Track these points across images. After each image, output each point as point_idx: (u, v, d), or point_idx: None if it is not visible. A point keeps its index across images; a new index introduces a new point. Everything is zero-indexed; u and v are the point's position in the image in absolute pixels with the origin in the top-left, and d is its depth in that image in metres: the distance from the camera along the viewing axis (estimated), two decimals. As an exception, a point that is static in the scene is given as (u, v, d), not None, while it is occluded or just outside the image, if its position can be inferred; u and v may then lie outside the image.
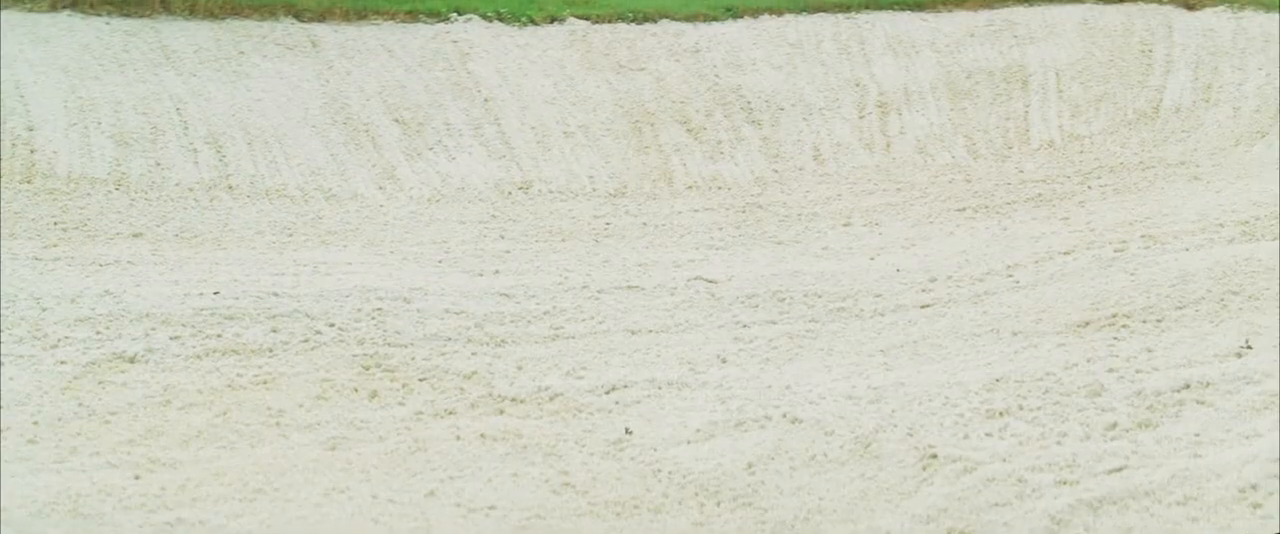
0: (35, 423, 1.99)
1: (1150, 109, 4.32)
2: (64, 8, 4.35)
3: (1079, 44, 4.84)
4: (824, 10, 5.23)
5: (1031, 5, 5.22)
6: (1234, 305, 2.59)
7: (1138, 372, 2.19)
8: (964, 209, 3.59)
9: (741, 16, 5.19)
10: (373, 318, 2.58)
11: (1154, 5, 5.08)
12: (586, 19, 5.07)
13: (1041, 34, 4.97)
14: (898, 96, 4.56)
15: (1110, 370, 2.20)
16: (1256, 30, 4.79)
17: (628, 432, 2.03)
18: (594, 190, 3.78)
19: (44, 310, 2.55)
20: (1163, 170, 3.84)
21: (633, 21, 5.08)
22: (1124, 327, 2.52)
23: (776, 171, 4.00)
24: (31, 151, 3.51)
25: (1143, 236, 3.21)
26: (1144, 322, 2.56)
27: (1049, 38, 4.94)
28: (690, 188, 3.84)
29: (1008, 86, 4.59)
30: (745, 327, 2.66)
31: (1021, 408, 2.05)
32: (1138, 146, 4.08)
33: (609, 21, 5.07)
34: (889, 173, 3.99)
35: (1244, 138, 4.03)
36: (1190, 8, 5.05)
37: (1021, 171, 3.97)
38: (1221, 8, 4.99)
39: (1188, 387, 2.09)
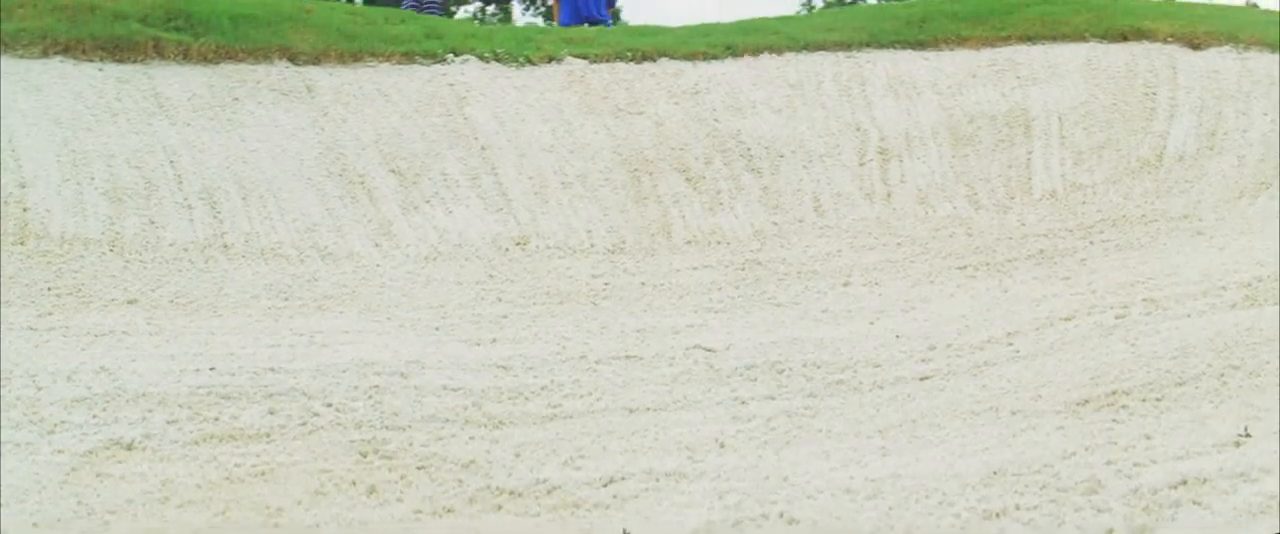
0: (35, 525, 2.04)
1: (1154, 157, 4.37)
2: (56, 53, 4.40)
3: (1082, 86, 4.90)
4: (825, 48, 5.30)
5: (1034, 43, 5.28)
6: (1234, 383, 2.64)
7: (1135, 465, 2.23)
8: (965, 266, 3.64)
9: (742, 55, 5.25)
10: (370, 396, 2.63)
11: (1158, 45, 5.15)
12: (584, 58, 5.13)
13: (1044, 75, 5.03)
14: (899, 142, 4.61)
15: (1108, 463, 2.25)
16: (1261, 72, 4.84)
17: None
18: (592, 246, 3.83)
19: (40, 389, 2.59)
20: (1166, 224, 3.89)
21: (631, 60, 5.15)
22: (1123, 407, 2.57)
23: (776, 224, 4.05)
24: (25, 210, 3.55)
25: (1144, 301, 3.26)
26: (1143, 400, 2.60)
27: (1052, 79, 4.99)
28: (689, 242, 3.89)
29: (1010, 131, 4.65)
30: (743, 403, 2.70)
31: (1018, 508, 2.09)
32: (1140, 198, 4.13)
33: (607, 60, 5.13)
34: (890, 225, 4.04)
35: (1248, 189, 4.08)
36: (1195, 46, 5.12)
37: (1023, 224, 4.01)
38: (1226, 47, 5.05)
39: (1185, 483, 2.13)
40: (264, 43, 4.66)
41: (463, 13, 49.62)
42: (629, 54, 5.16)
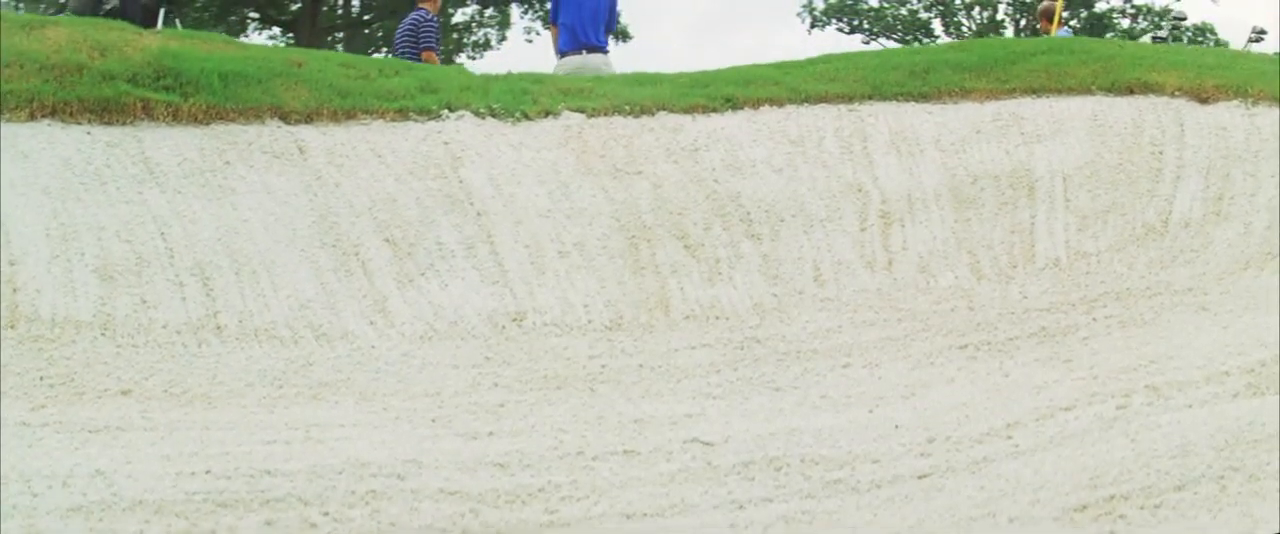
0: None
1: (1159, 223, 4.49)
2: (44, 116, 4.51)
3: (1088, 143, 5.02)
4: (826, 101, 5.42)
5: (1039, 96, 5.40)
6: (1233, 488, 2.74)
7: (1130, 587, 2.34)
8: (966, 345, 3.75)
9: (742, 108, 5.37)
10: (366, 502, 2.73)
11: (1165, 98, 5.27)
12: (582, 112, 5.25)
13: (1049, 131, 5.15)
14: (901, 204, 4.72)
15: (1103, 584, 2.36)
16: (1269, 129, 4.96)
17: None
18: (589, 322, 3.93)
19: (35, 497, 2.69)
20: (1170, 298, 4.00)
21: (629, 114, 5.26)
22: (1121, 516, 2.67)
23: (776, 296, 4.16)
24: (15, 291, 3.65)
25: (1146, 387, 3.36)
26: (1141, 507, 2.71)
27: (1057, 135, 5.11)
28: (687, 318, 4.00)
29: (1014, 193, 4.76)
30: (741, 507, 2.81)
31: (1012, 636, 2.20)
32: (1145, 268, 4.24)
33: (605, 114, 5.25)
34: (890, 297, 4.15)
35: (1254, 260, 4.20)
36: (1203, 100, 5.23)
37: (1026, 297, 4.12)
38: (1235, 101, 5.17)
39: (1178, 608, 2.24)
40: (255, 102, 4.77)
41: (460, 15, 49.16)
42: (627, 108, 5.28)
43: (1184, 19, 11.50)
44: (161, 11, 7.51)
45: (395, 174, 4.60)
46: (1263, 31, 11.15)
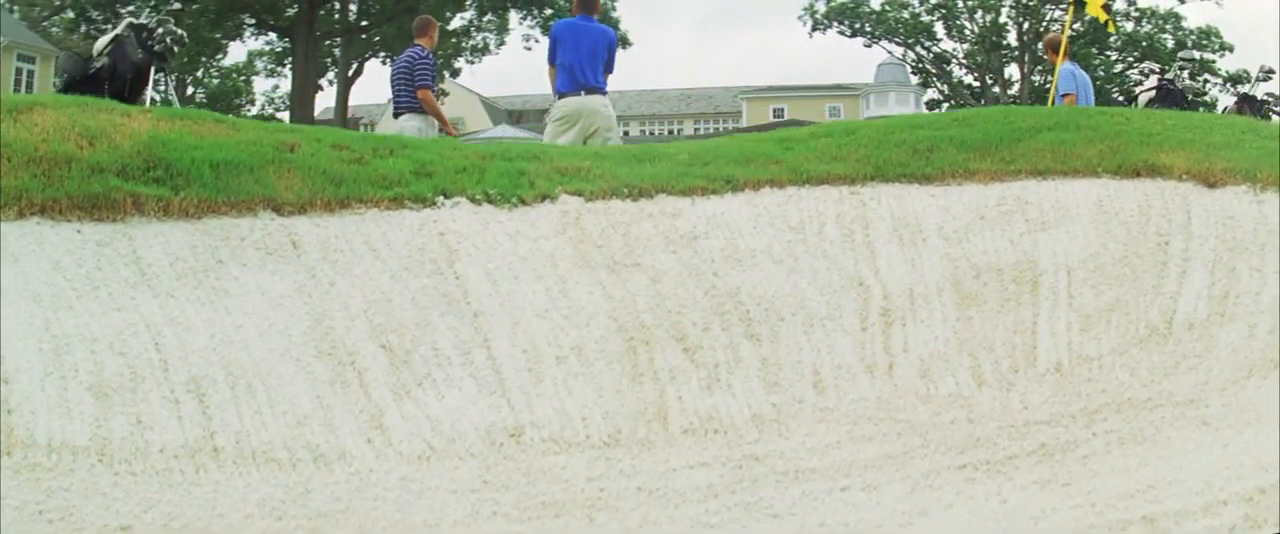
0: None
1: (1163, 324, 4.70)
2: (32, 214, 4.71)
3: (1093, 233, 5.24)
4: (828, 182, 5.64)
5: (1045, 178, 5.63)
6: (1221, 640, 2.96)
7: None
8: (965, 465, 3.96)
9: (742, 190, 5.60)
10: (370, 657, 2.94)
11: (1172, 182, 5.49)
12: (579, 195, 5.47)
13: (1053, 218, 5.37)
14: (902, 301, 4.94)
15: None
16: (1275, 218, 5.18)
17: None
18: (587, 437, 4.14)
19: (44, 652, 2.90)
20: (1171, 411, 4.22)
21: (628, 197, 5.48)
22: None
23: (775, 406, 4.37)
24: (9, 412, 3.85)
25: (1143, 518, 3.58)
26: (1131, 661, 2.92)
27: (1062, 223, 5.33)
28: (686, 432, 4.21)
29: (1017, 289, 4.98)
30: (739, 659, 3.02)
31: None
32: (1147, 375, 4.46)
33: (603, 197, 5.47)
34: (890, 407, 4.37)
35: (1257, 368, 4.41)
36: (1210, 185, 5.46)
37: (1027, 407, 4.34)
38: (1243, 186, 5.39)
39: None
40: (247, 193, 4.98)
41: (458, 21, 49.12)
42: (625, 190, 5.50)
43: (1195, 60, 11.66)
44: (153, 69, 7.72)
45: (390, 270, 4.81)
46: (1270, 71, 11.39)
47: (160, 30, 7.83)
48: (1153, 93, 10.51)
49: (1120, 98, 65.13)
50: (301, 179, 5.13)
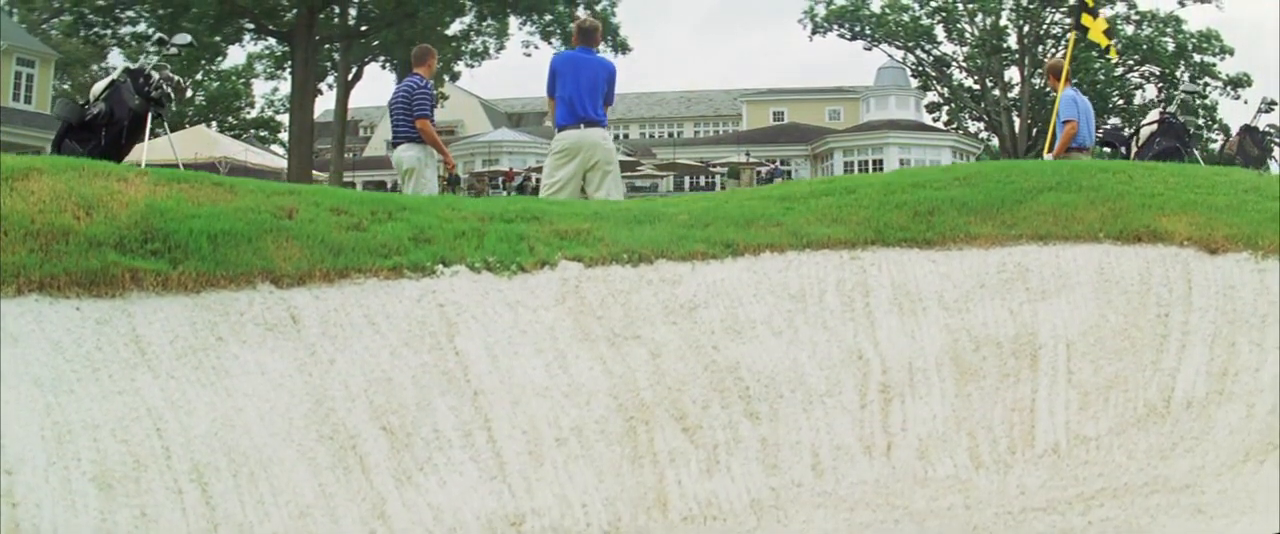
0: None
1: (1161, 402, 4.72)
2: (31, 291, 4.72)
3: (1093, 304, 5.26)
4: (828, 246, 5.66)
5: (1046, 243, 5.64)
6: None
7: None
8: (963, 557, 3.99)
9: (741, 255, 5.61)
10: None
11: (1174, 249, 5.50)
12: (579, 260, 5.48)
13: (1054, 286, 5.39)
14: (901, 375, 4.96)
15: None
16: (1278, 289, 5.20)
17: None
18: (588, 525, 4.16)
19: None
20: (1167, 498, 4.24)
21: (627, 263, 5.50)
22: None
23: (774, 490, 4.39)
24: (14, 506, 3.87)
25: (1140, 619, 3.60)
26: None
27: (1062, 292, 5.35)
28: (685, 519, 4.23)
29: (1017, 363, 5.00)
30: None
31: None
32: (1144, 457, 4.48)
33: (603, 263, 5.48)
34: (888, 492, 4.38)
35: (1254, 450, 4.43)
36: (1212, 251, 5.47)
37: (1023, 492, 4.36)
38: (1244, 254, 5.40)
39: None
40: (246, 265, 4.99)
41: (458, 25, 48.98)
42: (625, 256, 5.52)
43: (1201, 92, 11.67)
44: (150, 116, 7.74)
45: (390, 345, 4.83)
46: (1272, 102, 11.45)
47: (157, 77, 7.84)
48: (1155, 127, 10.53)
49: (1120, 101, 65.17)
50: (300, 249, 5.15)
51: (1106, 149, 12.41)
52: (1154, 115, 10.77)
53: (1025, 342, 5.09)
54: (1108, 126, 13.20)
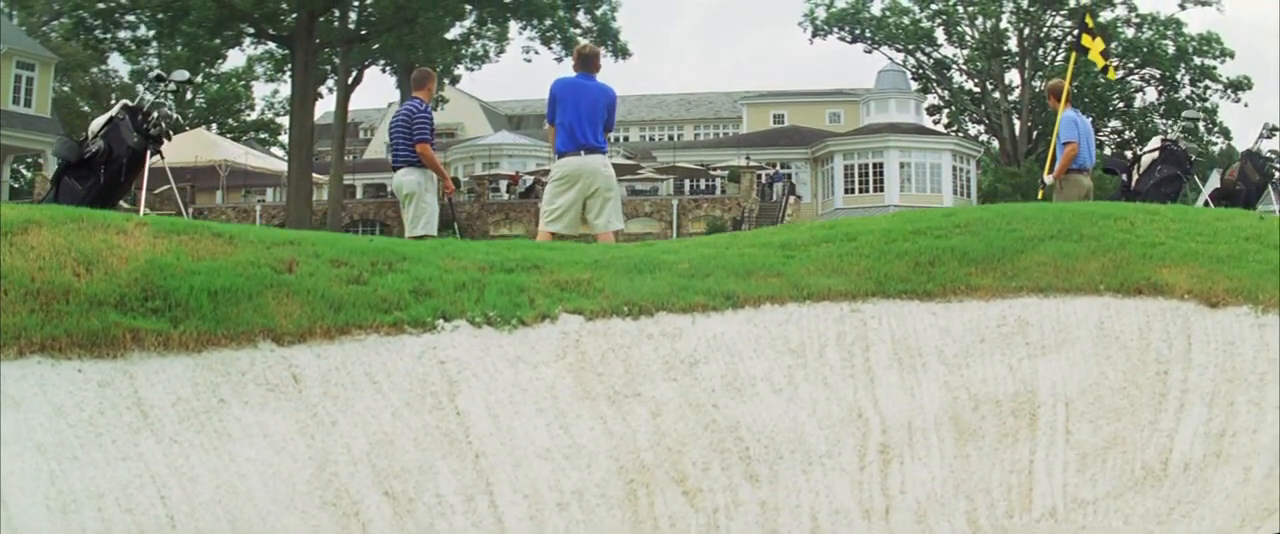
0: None
1: (1159, 465, 4.74)
2: (33, 352, 4.73)
3: (1093, 360, 5.27)
4: (828, 298, 5.67)
5: (1046, 296, 5.65)
6: None
7: None
8: (963, 632, 4.01)
9: (742, 307, 5.62)
10: None
11: (1174, 302, 5.51)
12: (580, 313, 5.49)
13: (1054, 341, 5.40)
14: (900, 435, 4.97)
15: None
16: (1277, 346, 5.21)
17: None
18: (588, 597, 4.18)
19: None
20: (1166, 568, 4.26)
21: (628, 316, 5.51)
22: None
23: (774, 558, 4.41)
24: (17, 581, 3.89)
25: None
26: None
27: (1062, 347, 5.36)
28: (686, 590, 4.25)
29: (1016, 423, 5.01)
30: None
31: None
32: (1141, 522, 4.50)
33: (604, 316, 5.50)
34: (889, 559, 4.40)
35: (1251, 516, 4.45)
36: (1212, 305, 5.48)
37: (1023, 560, 4.38)
38: (1244, 308, 5.41)
39: None
40: (247, 323, 5.00)
41: (458, 29, 49.21)
42: (625, 309, 5.53)
43: (1198, 119, 11.69)
44: (149, 153, 7.75)
45: (392, 406, 4.84)
46: (1275, 128, 11.43)
47: (155, 114, 7.86)
48: (1157, 154, 10.54)
49: (1120, 103, 64.98)
50: (300, 305, 5.16)
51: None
52: (1155, 142, 10.78)
53: (1024, 400, 5.11)
54: (1110, 155, 13.20)
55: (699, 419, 4.98)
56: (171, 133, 7.79)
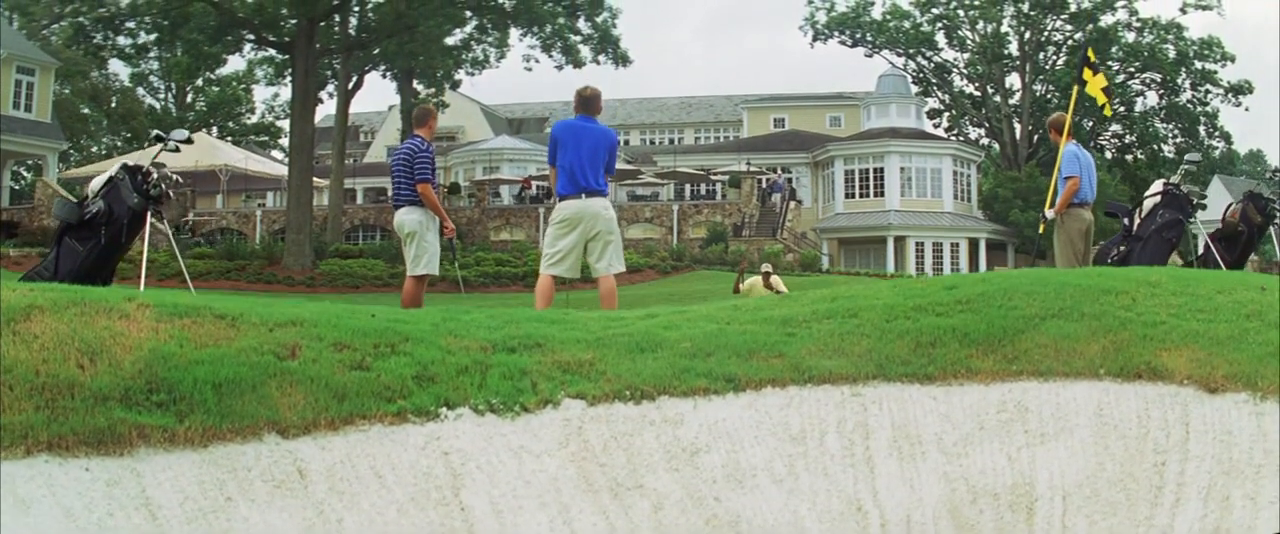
0: None
1: (1155, 566, 4.76)
2: (40, 451, 4.75)
3: (1091, 450, 5.29)
4: (829, 382, 5.69)
5: (1046, 380, 5.67)
6: None
7: None
8: None
9: (743, 390, 5.65)
10: None
11: (1173, 388, 5.53)
12: (582, 398, 5.52)
13: (1053, 429, 5.42)
14: (899, 530, 5.00)
15: None
16: (1274, 436, 5.24)
17: None
18: None
19: None
20: None
21: (630, 401, 5.54)
22: None
23: None
24: None
25: None
26: None
27: (1061, 435, 5.38)
28: None
29: (1013, 518, 5.04)
30: None
31: None
32: (1138, 633, 4.53)
33: (606, 400, 5.52)
34: None
35: (1248, 621, 4.48)
36: (1211, 391, 5.50)
37: None
38: (1243, 394, 5.43)
39: None
40: (251, 416, 5.02)
41: (458, 36, 49.25)
42: (627, 393, 5.56)
43: (1199, 163, 11.74)
44: (149, 214, 7.77)
45: (397, 502, 4.87)
46: (1278, 170, 11.48)
47: (155, 176, 7.88)
48: (1158, 198, 10.56)
49: (1121, 108, 64.90)
50: (304, 395, 5.19)
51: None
52: (1157, 186, 10.79)
53: (1022, 492, 5.14)
54: (1111, 201, 13.22)
55: (701, 513, 5.01)
56: (172, 195, 7.80)
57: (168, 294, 6.23)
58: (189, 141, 8.45)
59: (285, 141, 65.41)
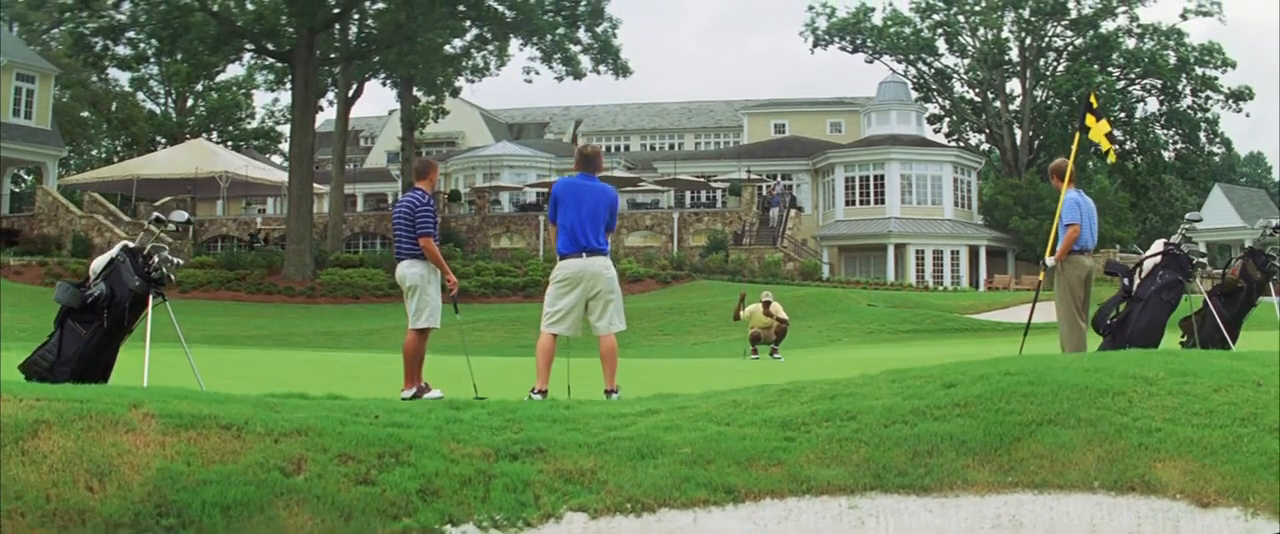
0: None
1: None
2: (51, 581, 4.83)
3: (1085, 570, 5.36)
4: (827, 492, 5.76)
5: (1041, 492, 5.74)
6: None
7: None
8: None
9: (743, 501, 5.71)
10: None
11: (1166, 502, 5.60)
12: (584, 511, 5.59)
13: (1048, 546, 5.49)
14: (899, 657, 5.07)
15: None
16: (1265, 556, 5.31)
17: None
18: None
19: None
20: None
21: (631, 513, 5.60)
22: None
23: None
24: None
25: None
26: None
27: (1055, 554, 5.46)
28: None
29: (1011, 644, 5.11)
30: None
31: None
32: None
33: (608, 514, 5.59)
34: None
35: None
36: (1203, 505, 5.57)
37: None
38: (1234, 510, 5.50)
39: None
40: (259, 541, 5.09)
41: (458, 45, 49.42)
42: (629, 505, 5.62)
43: (1200, 220, 11.82)
44: (151, 296, 7.82)
45: (401, 635, 4.94)
46: (1278, 227, 11.53)
47: (156, 259, 7.92)
48: (1158, 258, 10.61)
49: (1122, 114, 64.88)
50: (311, 515, 5.25)
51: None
52: (1158, 246, 10.83)
53: (1017, 619, 5.20)
54: (1110, 261, 13.26)
55: (700, 644, 5.08)
56: (173, 277, 7.86)
57: (172, 397, 6.29)
58: (188, 223, 8.49)
59: (285, 147, 65.48)
